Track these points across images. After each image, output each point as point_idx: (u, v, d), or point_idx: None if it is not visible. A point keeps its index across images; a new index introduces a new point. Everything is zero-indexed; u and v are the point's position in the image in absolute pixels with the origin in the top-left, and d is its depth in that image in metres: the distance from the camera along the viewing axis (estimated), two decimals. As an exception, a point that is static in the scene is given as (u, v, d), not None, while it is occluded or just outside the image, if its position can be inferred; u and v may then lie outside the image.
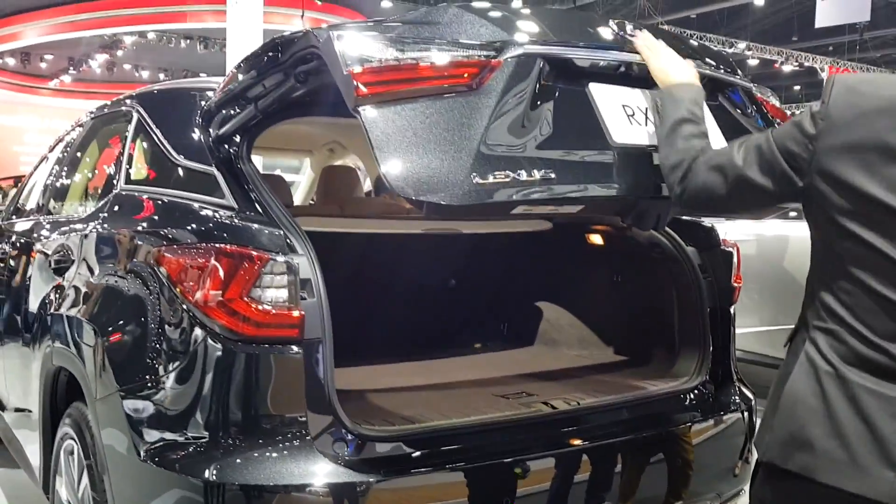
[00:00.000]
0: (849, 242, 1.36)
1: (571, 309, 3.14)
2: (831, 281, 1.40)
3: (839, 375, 1.37)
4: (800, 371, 1.43)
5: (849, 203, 1.35)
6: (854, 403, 1.35)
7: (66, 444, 2.44)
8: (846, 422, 1.35)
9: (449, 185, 1.67)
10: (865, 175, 1.33)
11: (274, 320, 1.85)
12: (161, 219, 2.28)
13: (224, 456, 1.82)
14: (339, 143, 4.23)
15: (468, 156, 1.70)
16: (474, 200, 1.68)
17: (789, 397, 1.43)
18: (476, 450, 2.06)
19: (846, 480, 1.34)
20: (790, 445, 1.41)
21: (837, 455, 1.35)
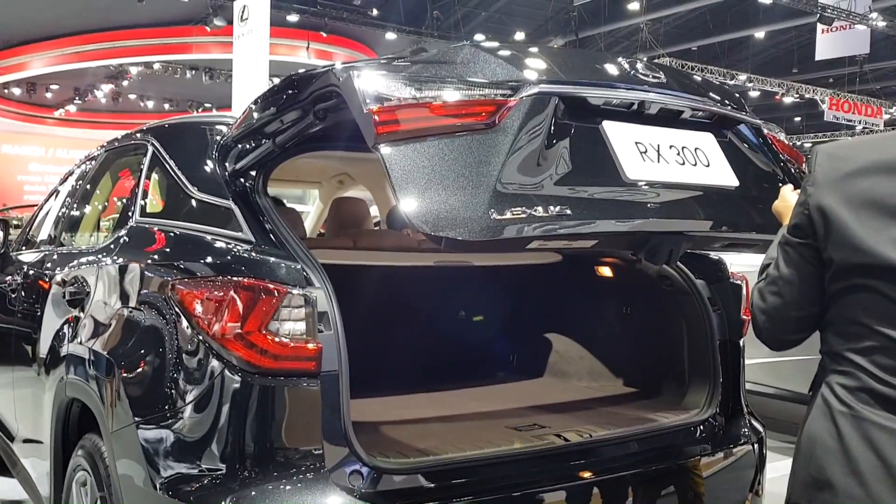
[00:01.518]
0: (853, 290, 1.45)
1: (581, 341, 3.15)
2: (841, 327, 1.48)
3: (853, 414, 1.42)
4: (816, 413, 1.49)
5: (845, 255, 1.44)
6: (868, 441, 1.39)
7: (78, 476, 2.44)
8: (861, 459, 1.39)
9: (466, 220, 1.70)
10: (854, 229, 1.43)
11: (291, 353, 1.87)
12: (178, 251, 2.31)
13: (240, 488, 1.83)
14: (348, 175, 4.27)
15: (485, 192, 1.73)
16: (491, 236, 1.71)
17: (807, 439, 1.49)
18: (490, 482, 2.06)
19: None
20: (812, 486, 1.46)
21: (856, 493, 1.39)
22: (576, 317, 3.20)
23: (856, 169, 1.45)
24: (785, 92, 21.02)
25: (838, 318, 1.48)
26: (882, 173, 1.42)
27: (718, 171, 2.11)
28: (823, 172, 1.49)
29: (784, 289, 1.55)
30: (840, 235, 1.44)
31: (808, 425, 1.50)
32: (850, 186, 1.45)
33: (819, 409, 1.48)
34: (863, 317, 1.43)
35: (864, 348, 1.42)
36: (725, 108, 2.24)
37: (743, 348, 2.67)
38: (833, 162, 1.49)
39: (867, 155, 1.46)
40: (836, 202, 1.45)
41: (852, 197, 1.44)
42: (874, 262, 1.40)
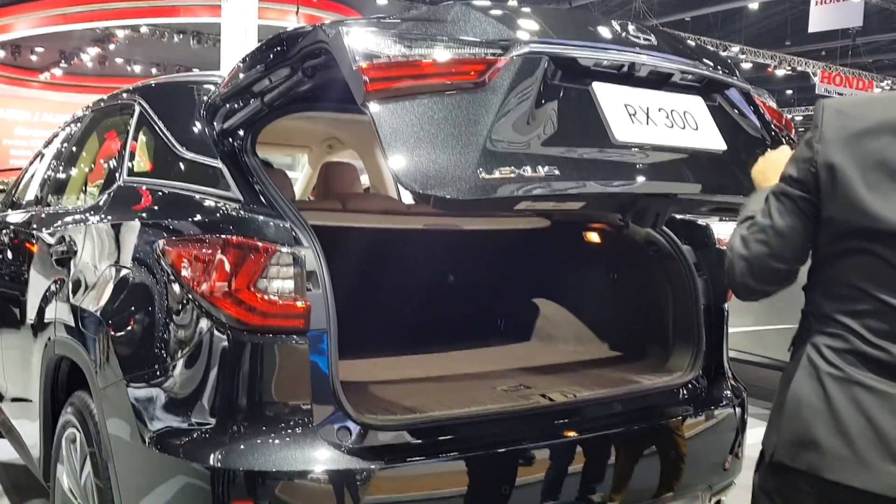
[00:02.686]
0: (849, 254, 1.44)
1: (568, 305, 3.18)
2: (833, 289, 1.47)
3: (841, 376, 1.43)
4: (802, 374, 1.49)
5: (848, 217, 1.42)
6: (856, 402, 1.41)
7: (67, 433, 2.46)
8: (849, 420, 1.41)
9: (455, 179, 1.71)
10: (861, 191, 1.41)
11: (280, 311, 1.89)
12: (165, 210, 2.31)
13: (229, 442, 1.86)
14: (337, 140, 4.26)
15: (474, 152, 1.74)
16: (480, 195, 1.72)
17: (794, 400, 1.50)
18: (475, 439, 2.10)
19: (851, 476, 1.40)
20: (797, 445, 1.48)
21: (842, 452, 1.41)
22: (563, 282, 3.23)
23: (865, 128, 1.42)
24: (777, 64, 20.98)
25: (830, 280, 1.47)
26: (892, 134, 1.40)
27: (707, 134, 2.12)
28: (832, 130, 1.45)
29: (772, 239, 1.52)
30: (846, 196, 1.42)
31: (794, 386, 1.50)
32: (860, 146, 1.42)
33: (805, 370, 1.48)
34: (858, 280, 1.42)
35: (857, 311, 1.43)
36: (715, 73, 2.24)
37: (727, 313, 2.71)
38: (842, 119, 1.45)
39: (877, 114, 1.43)
40: (845, 161, 1.42)
41: (861, 157, 1.41)
42: (879, 226, 1.39)
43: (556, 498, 2.16)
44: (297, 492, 1.85)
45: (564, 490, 2.18)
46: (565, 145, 1.89)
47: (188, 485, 1.89)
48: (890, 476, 1.37)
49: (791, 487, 1.50)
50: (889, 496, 1.37)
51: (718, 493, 2.56)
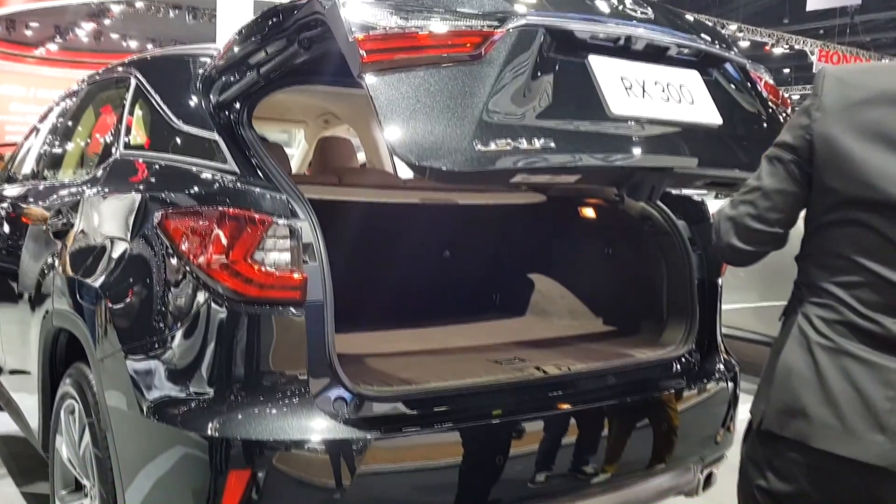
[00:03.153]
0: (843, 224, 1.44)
1: (563, 280, 3.20)
2: (825, 259, 1.47)
3: (831, 346, 1.44)
4: (793, 344, 1.50)
5: (844, 187, 1.42)
6: (845, 372, 1.42)
7: (66, 404, 2.48)
8: (837, 390, 1.42)
9: (451, 151, 1.71)
10: (859, 161, 1.40)
11: (277, 282, 1.90)
12: (162, 182, 2.32)
13: (226, 412, 1.88)
14: (333, 115, 4.25)
15: (470, 124, 1.75)
16: (475, 167, 1.73)
17: (783, 369, 1.50)
18: (470, 411, 2.12)
19: (838, 445, 1.41)
20: (785, 414, 1.49)
21: (830, 422, 1.42)
22: (558, 257, 3.25)
23: (865, 98, 1.41)
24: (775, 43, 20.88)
25: (822, 251, 1.48)
26: (890, 104, 1.39)
27: (703, 108, 2.12)
28: (832, 98, 1.44)
29: (758, 199, 1.53)
30: (842, 166, 1.41)
31: (784, 355, 1.51)
32: (859, 116, 1.41)
33: (795, 339, 1.49)
34: (851, 251, 1.43)
35: (849, 282, 1.43)
36: (712, 47, 2.24)
37: (721, 288, 2.73)
38: (842, 88, 1.44)
39: (878, 84, 1.42)
40: (842, 131, 1.42)
41: (860, 127, 1.40)
42: (875, 197, 1.39)
43: (549, 469, 2.19)
44: (294, 461, 1.87)
45: (558, 461, 2.21)
46: (561, 118, 1.90)
47: (186, 454, 1.91)
48: (876, 445, 1.38)
49: (778, 456, 1.51)
50: (875, 465, 1.38)
51: (710, 465, 2.60)
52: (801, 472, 1.48)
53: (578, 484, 2.27)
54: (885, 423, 1.38)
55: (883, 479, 1.39)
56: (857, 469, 1.40)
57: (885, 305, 1.40)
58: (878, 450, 1.38)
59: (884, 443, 1.38)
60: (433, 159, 1.70)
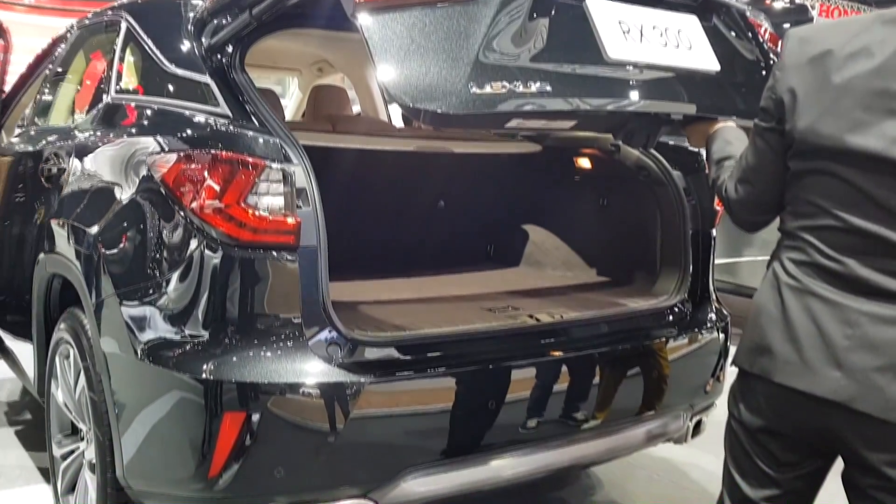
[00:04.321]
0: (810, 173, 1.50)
1: (557, 231, 3.20)
2: (797, 207, 1.54)
3: (798, 287, 1.50)
4: (766, 285, 1.58)
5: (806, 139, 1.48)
6: (808, 311, 1.48)
7: (61, 349, 2.49)
8: (800, 327, 1.48)
9: (446, 94, 1.70)
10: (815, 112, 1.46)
11: (270, 226, 1.90)
12: (155, 126, 2.29)
13: (221, 355, 1.89)
14: (327, 63, 4.20)
15: (466, 65, 1.73)
16: (471, 110, 1.71)
17: (756, 309, 1.59)
18: (463, 356, 2.14)
19: (797, 380, 1.48)
20: (754, 351, 1.57)
21: (791, 358, 1.49)
22: (553, 208, 3.24)
23: (822, 52, 1.47)
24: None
25: (795, 198, 1.54)
26: (849, 56, 1.44)
27: (700, 54, 2.10)
28: (792, 56, 1.52)
29: (753, 178, 1.63)
30: (802, 118, 1.48)
31: (758, 296, 1.59)
32: (814, 69, 1.48)
33: (768, 281, 1.57)
34: (816, 197, 1.49)
35: (815, 227, 1.49)
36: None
37: (714, 238, 2.73)
38: (802, 45, 1.52)
39: (835, 38, 1.48)
40: (801, 84, 1.49)
41: (815, 80, 1.47)
42: (827, 144, 1.45)
43: (541, 414, 2.22)
44: (288, 404, 1.89)
45: (549, 407, 2.24)
46: (557, 61, 1.88)
47: (181, 397, 1.92)
48: (832, 380, 1.44)
49: (749, 390, 1.60)
50: (830, 399, 1.44)
51: (699, 413, 2.63)
52: (766, 406, 1.56)
53: (569, 429, 2.30)
54: (842, 359, 1.43)
55: (839, 414, 1.45)
56: (815, 403, 1.47)
57: (847, 247, 1.45)
58: (835, 385, 1.44)
59: (839, 378, 1.43)
60: (428, 101, 1.68)
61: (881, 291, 1.41)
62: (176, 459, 1.95)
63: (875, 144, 1.40)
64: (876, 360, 1.41)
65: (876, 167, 1.40)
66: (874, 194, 1.41)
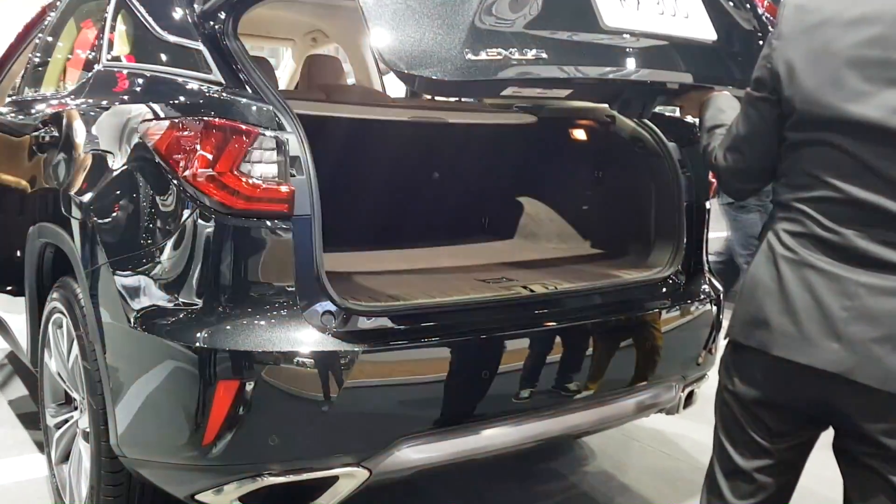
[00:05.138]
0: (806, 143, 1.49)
1: (552, 203, 3.20)
2: (793, 178, 1.53)
3: (794, 259, 1.49)
4: (761, 257, 1.57)
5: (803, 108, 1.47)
6: (806, 283, 1.47)
7: (54, 318, 2.49)
8: (798, 300, 1.47)
9: (441, 59, 1.68)
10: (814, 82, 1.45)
11: (264, 195, 1.88)
12: (146, 93, 2.27)
13: (215, 323, 1.88)
14: (321, 32, 4.16)
15: (461, 31, 1.71)
16: (466, 76, 1.70)
17: (751, 281, 1.58)
18: (457, 327, 2.14)
19: (795, 353, 1.48)
20: (750, 324, 1.56)
21: (789, 330, 1.48)
22: (548, 180, 3.23)
23: (819, 21, 1.46)
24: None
25: (791, 170, 1.53)
26: (847, 24, 1.43)
27: (697, 23, 2.08)
28: (790, 25, 1.51)
29: (744, 146, 1.63)
30: (800, 87, 1.47)
31: (753, 268, 1.58)
32: (813, 38, 1.46)
33: (764, 253, 1.55)
34: (814, 168, 1.48)
35: (813, 198, 1.48)
36: None
37: (709, 210, 2.73)
38: (799, 14, 1.50)
39: (834, 6, 1.46)
40: (799, 54, 1.47)
41: (813, 49, 1.46)
42: (829, 114, 1.44)
43: (534, 385, 2.23)
44: (282, 373, 1.88)
45: (542, 377, 2.24)
46: (553, 28, 1.86)
47: (174, 365, 1.91)
48: (831, 352, 1.43)
49: (744, 363, 1.59)
50: (829, 371, 1.44)
51: (691, 384, 2.64)
52: (763, 379, 1.56)
53: (562, 399, 2.31)
54: (840, 331, 1.43)
55: (837, 385, 1.44)
56: (813, 375, 1.46)
57: (845, 218, 1.44)
58: (833, 357, 1.43)
59: (838, 350, 1.43)
60: (423, 67, 1.66)
61: (880, 262, 1.41)
62: (170, 428, 1.95)
63: (874, 114, 1.39)
64: (874, 331, 1.40)
65: (875, 137, 1.39)
66: (873, 164, 1.40)
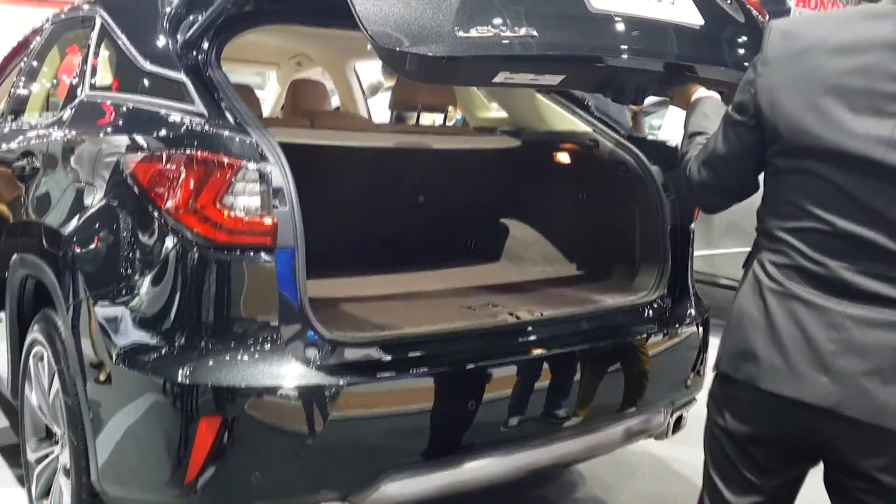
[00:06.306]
0: (791, 172, 1.47)
1: (537, 226, 3.19)
2: (777, 207, 1.51)
3: (780, 291, 1.47)
4: (747, 289, 1.54)
5: (788, 136, 1.46)
6: (793, 315, 1.45)
7: (35, 351, 2.45)
8: (785, 332, 1.45)
9: (432, 37, 1.67)
10: (798, 110, 1.43)
11: (246, 227, 1.87)
12: (129, 125, 2.26)
13: (197, 358, 1.86)
14: (306, 56, 4.17)
15: (450, 9, 1.70)
16: (457, 52, 1.68)
17: (737, 313, 1.55)
18: (443, 356, 2.13)
19: (784, 386, 1.46)
20: (738, 357, 1.53)
21: (777, 363, 1.46)
22: (533, 202, 3.23)
23: (806, 47, 1.44)
24: (755, -14, 20.65)
25: (775, 198, 1.52)
26: (832, 52, 1.41)
27: (683, 9, 2.07)
28: (775, 50, 1.49)
29: (719, 164, 1.62)
30: (784, 114, 1.45)
31: (739, 300, 1.56)
32: (798, 65, 1.45)
33: (749, 284, 1.53)
34: (798, 198, 1.46)
35: (797, 228, 1.46)
36: None
37: (693, 233, 2.73)
38: (785, 40, 1.48)
39: (819, 33, 1.45)
40: (784, 81, 1.46)
41: (800, 76, 1.44)
42: (815, 143, 1.42)
43: (522, 413, 2.21)
44: (266, 407, 1.87)
45: (531, 405, 2.23)
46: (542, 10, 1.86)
47: (156, 401, 1.89)
48: (820, 385, 1.41)
49: (733, 397, 1.57)
50: (818, 405, 1.42)
51: (680, 408, 2.63)
52: (753, 413, 1.53)
53: (550, 428, 2.29)
54: (828, 364, 1.41)
55: (827, 419, 1.42)
56: (803, 409, 1.44)
57: (830, 250, 1.42)
58: (822, 390, 1.41)
59: (827, 383, 1.41)
60: (414, 45, 1.64)
61: (866, 294, 1.39)
62: (151, 464, 1.92)
63: (859, 145, 1.37)
64: (863, 364, 1.39)
65: (860, 168, 1.37)
66: (858, 195, 1.38)
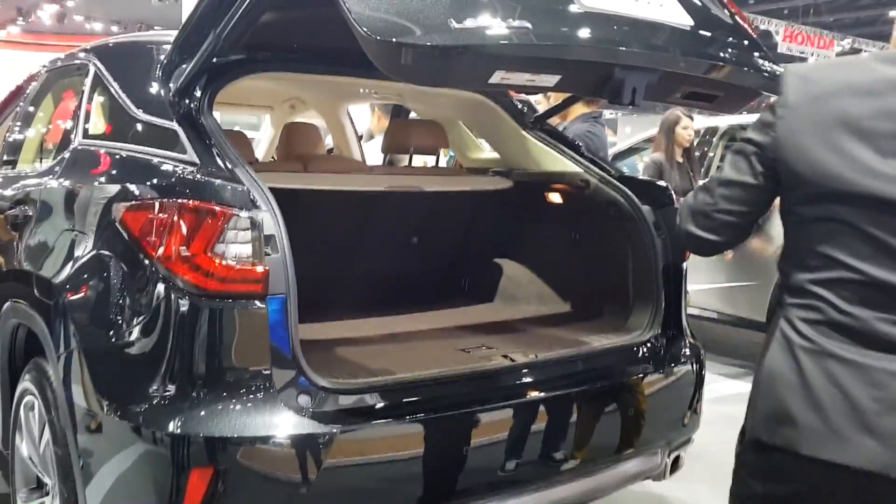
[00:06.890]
0: (816, 220, 1.41)
1: (530, 266, 3.20)
2: (803, 259, 1.44)
3: (814, 349, 1.40)
4: (776, 348, 1.46)
5: (812, 181, 1.40)
6: (829, 375, 1.37)
7: (26, 400, 2.43)
8: (823, 393, 1.37)
9: (426, 28, 1.68)
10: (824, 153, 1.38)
11: (238, 276, 1.87)
12: (121, 174, 2.27)
13: (188, 409, 1.84)
14: (299, 100, 4.20)
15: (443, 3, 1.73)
16: (452, 41, 1.68)
17: (768, 375, 1.47)
18: (437, 401, 2.11)
19: (826, 450, 1.37)
20: (773, 421, 1.44)
21: (817, 426, 1.37)
22: (526, 242, 3.24)
23: (828, 91, 1.40)
24: (743, 23, 20.91)
25: (800, 249, 1.45)
26: (854, 95, 1.38)
27: (672, 10, 2.09)
28: (796, 94, 1.43)
29: (717, 189, 1.54)
30: (809, 160, 1.39)
31: (769, 360, 1.47)
32: (823, 108, 1.39)
33: (779, 343, 1.45)
34: (827, 247, 1.39)
35: (827, 279, 1.39)
36: None
37: (685, 272, 2.74)
38: (805, 84, 1.43)
39: (839, 76, 1.42)
40: (807, 125, 1.40)
41: (824, 119, 1.38)
42: (843, 188, 1.36)
43: (518, 457, 2.19)
44: (259, 457, 1.85)
45: (527, 449, 2.22)
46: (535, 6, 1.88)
47: (147, 451, 1.87)
48: (865, 448, 1.33)
49: (769, 463, 1.47)
50: (865, 469, 1.34)
51: (677, 449, 2.61)
52: (796, 479, 1.43)
53: (547, 471, 2.28)
54: (873, 425, 1.33)
55: (878, 484, 1.34)
56: (850, 474, 1.36)
57: (863, 300, 1.36)
58: (869, 453, 1.34)
59: (874, 446, 1.33)
60: (408, 35, 1.65)
61: None
62: (143, 517, 1.90)
63: (889, 189, 1.32)
64: None
65: (892, 212, 1.32)
66: (890, 242, 1.33)
